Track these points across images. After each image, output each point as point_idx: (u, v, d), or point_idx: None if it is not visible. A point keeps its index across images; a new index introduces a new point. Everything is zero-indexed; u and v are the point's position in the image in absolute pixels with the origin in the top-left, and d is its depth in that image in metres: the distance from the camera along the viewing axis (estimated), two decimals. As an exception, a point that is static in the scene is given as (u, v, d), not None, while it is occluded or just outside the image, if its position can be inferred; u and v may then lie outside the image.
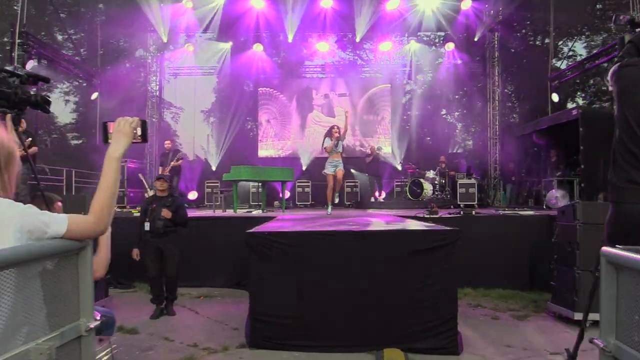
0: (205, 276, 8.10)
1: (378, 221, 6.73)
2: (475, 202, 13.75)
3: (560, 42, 20.68)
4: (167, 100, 19.15)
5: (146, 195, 10.62)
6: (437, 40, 18.47)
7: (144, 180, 11.85)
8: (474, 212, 8.40)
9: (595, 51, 16.18)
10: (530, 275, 8.04)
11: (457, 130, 20.44)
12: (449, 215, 8.41)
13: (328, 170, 9.16)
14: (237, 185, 10.49)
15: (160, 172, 10.58)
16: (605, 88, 17.99)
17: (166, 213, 6.30)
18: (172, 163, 11.19)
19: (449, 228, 4.87)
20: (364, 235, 4.70)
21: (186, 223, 6.63)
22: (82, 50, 18.24)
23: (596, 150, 11.12)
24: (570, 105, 19.09)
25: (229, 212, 10.62)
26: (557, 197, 11.01)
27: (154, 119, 17.54)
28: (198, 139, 19.45)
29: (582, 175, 11.39)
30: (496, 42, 17.45)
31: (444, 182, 14.54)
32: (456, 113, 19.89)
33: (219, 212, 10.63)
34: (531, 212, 8.58)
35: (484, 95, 17.72)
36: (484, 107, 17.75)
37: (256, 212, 10.76)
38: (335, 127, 9.30)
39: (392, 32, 16.84)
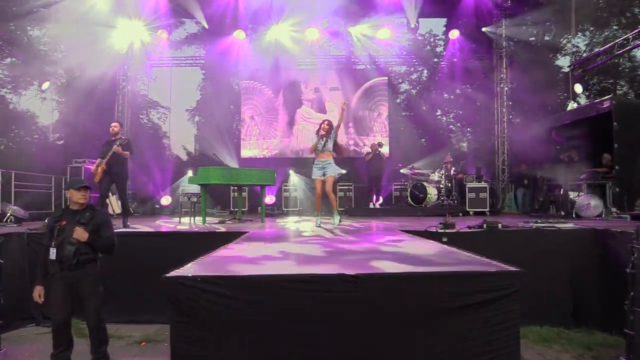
0: (150, 309, 6.19)
1: (384, 246, 4.87)
2: (487, 209, 12.03)
3: (563, 39, 19.74)
4: (153, 99, 18.65)
5: (94, 170, 8.09)
6: (439, 28, 16.83)
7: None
8: (500, 226, 6.60)
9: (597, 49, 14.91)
10: (574, 307, 6.26)
11: (461, 128, 18.99)
12: (470, 230, 6.61)
13: (315, 174, 7.73)
14: (207, 190, 8.65)
15: (97, 165, 7.90)
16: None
17: (80, 234, 4.37)
18: (115, 148, 7.98)
19: (508, 268, 3.03)
20: (367, 284, 2.83)
21: (111, 248, 4.64)
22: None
23: (633, 149, 9.49)
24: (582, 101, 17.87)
25: (195, 224, 8.78)
26: (590, 204, 9.24)
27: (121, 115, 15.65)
28: (175, 137, 18.55)
29: (615, 179, 9.73)
30: (503, 32, 15.70)
31: (450, 185, 12.73)
32: (459, 111, 18.30)
33: (183, 225, 8.75)
34: (571, 225, 6.79)
35: (491, 89, 15.98)
36: (490, 102, 16.00)
37: (228, 223, 8.92)
38: (325, 122, 7.74)
39: (390, 17, 15.01)
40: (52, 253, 4.37)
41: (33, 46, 15.82)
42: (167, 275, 2.80)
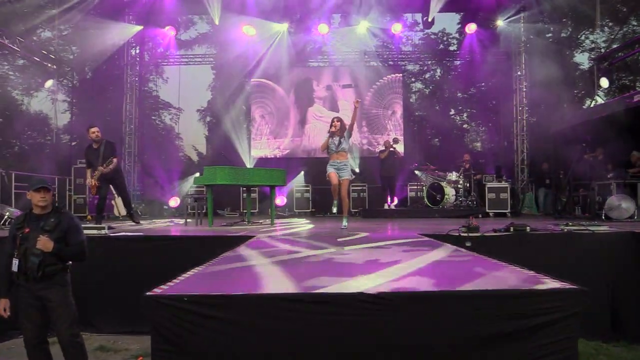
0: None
1: (407, 254, 4.35)
2: (508, 210, 11.46)
3: (581, 35, 19.16)
4: (165, 100, 18.46)
5: (89, 183, 7.83)
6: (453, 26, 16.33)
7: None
8: (528, 229, 6.07)
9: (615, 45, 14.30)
10: (613, 319, 5.70)
11: (475, 127, 18.46)
12: (495, 234, 6.07)
13: (329, 170, 7.25)
14: (212, 191, 8.21)
15: (90, 178, 7.62)
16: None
17: (44, 244, 3.82)
18: (101, 169, 7.64)
19: (568, 285, 2.50)
20: (393, 306, 2.27)
21: (81, 255, 4.10)
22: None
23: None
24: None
25: (202, 227, 8.35)
26: (621, 205, 8.64)
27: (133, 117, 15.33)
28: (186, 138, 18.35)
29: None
30: (522, 27, 15.11)
31: (469, 185, 12.15)
32: (473, 110, 17.77)
33: (189, 227, 8.32)
34: (606, 228, 6.23)
35: (509, 86, 15.41)
36: (508, 99, 15.42)
37: (236, 226, 8.48)
38: (335, 119, 7.25)
39: (403, 11, 14.50)
40: (14, 264, 3.86)
41: (44, 47, 15.58)
42: (148, 293, 2.32)
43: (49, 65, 12.60)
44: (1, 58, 17.19)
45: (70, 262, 4.08)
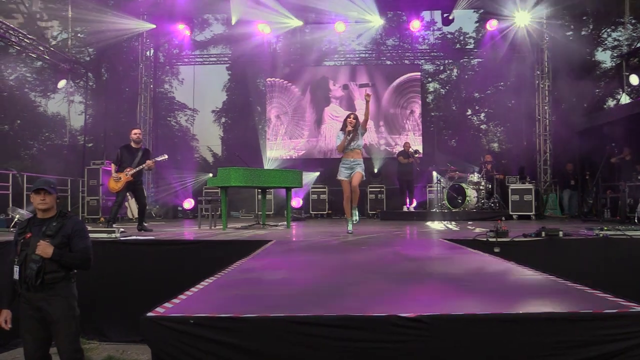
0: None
1: (437, 265, 4.01)
2: (533, 213, 11.02)
3: (603, 32, 18.70)
4: (181, 101, 18.72)
5: (115, 182, 7.49)
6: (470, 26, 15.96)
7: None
8: (561, 234, 5.69)
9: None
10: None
11: (493, 127, 18.12)
12: (526, 239, 5.70)
13: (342, 174, 6.83)
14: (227, 192, 7.96)
15: (119, 176, 7.33)
16: None
17: (43, 249, 3.50)
18: (150, 162, 7.52)
19: None
20: (435, 332, 1.93)
21: (86, 263, 3.75)
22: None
23: None
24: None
25: (215, 230, 8.10)
26: (655, 208, 8.20)
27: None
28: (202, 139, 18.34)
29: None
30: (544, 22, 14.63)
31: (491, 187, 11.73)
32: (490, 110, 17.39)
33: (202, 231, 8.07)
34: (645, 233, 5.82)
35: (530, 84, 14.95)
36: (531, 98, 14.97)
37: (250, 229, 8.23)
38: (351, 115, 6.83)
39: (424, 8, 14.14)
40: (16, 272, 3.57)
41: (60, 48, 15.55)
42: (148, 314, 2.02)
43: (63, 66, 12.46)
44: (19, 60, 17.29)
45: (75, 271, 3.80)
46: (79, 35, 17.37)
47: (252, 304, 2.36)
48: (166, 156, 7.91)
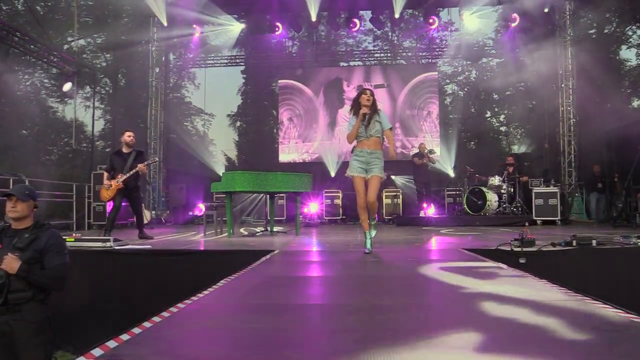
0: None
1: (473, 293, 3.21)
2: (558, 218, 10.40)
3: (628, 29, 18.11)
4: (197, 107, 19.00)
5: (105, 191, 7.04)
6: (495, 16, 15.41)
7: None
8: (594, 243, 5.14)
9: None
10: None
11: (517, 128, 17.58)
12: (555, 248, 5.16)
13: (353, 169, 5.07)
14: (232, 198, 7.57)
15: (109, 184, 6.85)
16: None
17: (9, 262, 3.09)
18: (141, 165, 6.98)
19: None
20: None
21: (59, 283, 3.34)
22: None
23: None
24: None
25: (219, 237, 7.70)
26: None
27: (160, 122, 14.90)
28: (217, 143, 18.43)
29: None
30: (567, 18, 14.00)
31: (513, 190, 11.14)
32: (509, 112, 16.87)
33: (208, 237, 7.68)
34: (688, 242, 5.24)
35: (553, 84, 14.33)
36: (554, 98, 14.36)
37: (258, 236, 7.81)
38: (367, 92, 5.09)
39: (438, 6, 13.63)
40: None
41: (77, 55, 15.45)
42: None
43: (69, 68, 12.23)
44: (37, 67, 17.29)
45: (48, 292, 3.35)
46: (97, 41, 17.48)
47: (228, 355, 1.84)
48: (157, 159, 7.50)
